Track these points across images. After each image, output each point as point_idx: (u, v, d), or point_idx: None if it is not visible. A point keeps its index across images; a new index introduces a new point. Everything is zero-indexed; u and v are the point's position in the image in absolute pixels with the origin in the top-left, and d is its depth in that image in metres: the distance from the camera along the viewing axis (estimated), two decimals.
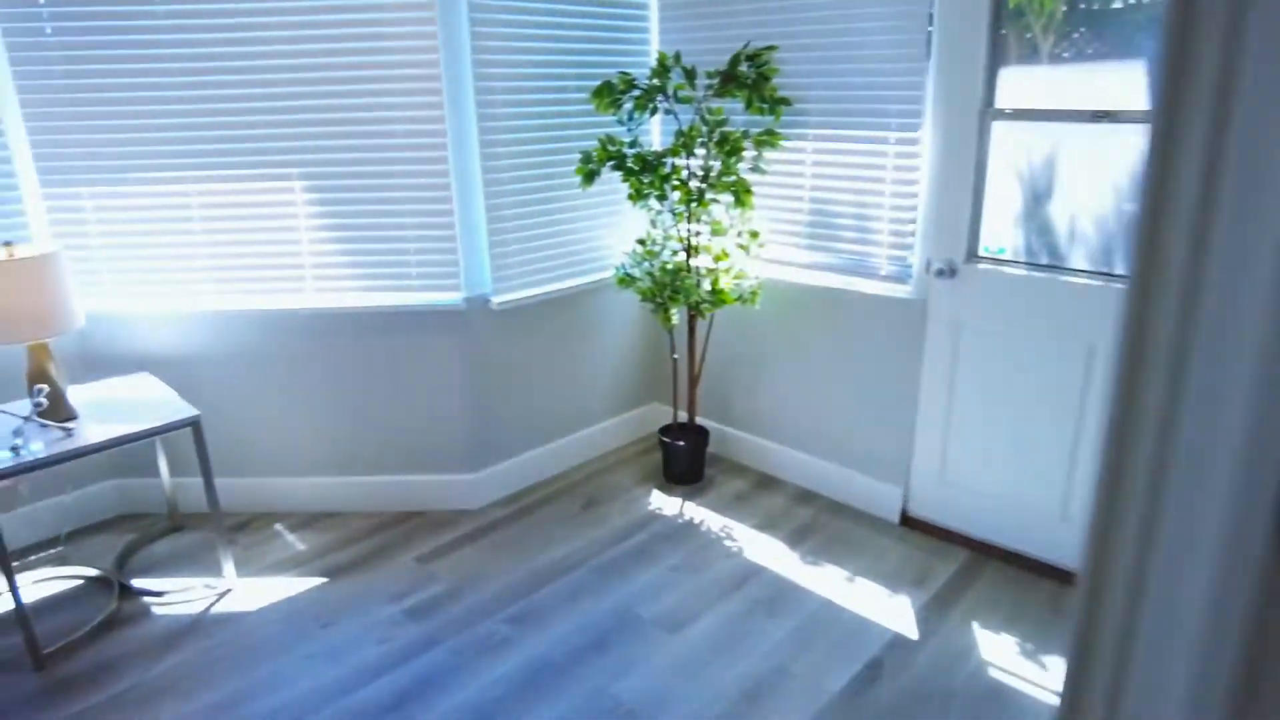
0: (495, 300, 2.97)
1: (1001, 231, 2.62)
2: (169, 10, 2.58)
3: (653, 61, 3.27)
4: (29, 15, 2.60)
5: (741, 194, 2.84)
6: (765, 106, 2.86)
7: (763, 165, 2.99)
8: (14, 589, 2.26)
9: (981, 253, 2.67)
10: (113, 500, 3.12)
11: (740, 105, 2.96)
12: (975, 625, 2.43)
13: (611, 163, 2.98)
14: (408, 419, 3.02)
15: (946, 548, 2.83)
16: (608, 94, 2.90)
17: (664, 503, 3.14)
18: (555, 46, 2.97)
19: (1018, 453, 2.66)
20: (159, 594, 2.64)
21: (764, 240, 3.11)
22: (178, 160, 2.73)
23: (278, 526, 3.03)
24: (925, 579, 2.66)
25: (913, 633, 2.40)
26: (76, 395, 2.68)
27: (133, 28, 2.60)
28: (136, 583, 2.70)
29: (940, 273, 2.69)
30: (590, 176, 2.97)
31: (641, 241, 3.16)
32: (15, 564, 2.84)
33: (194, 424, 2.50)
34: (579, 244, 3.22)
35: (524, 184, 2.97)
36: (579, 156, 3.03)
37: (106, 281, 2.88)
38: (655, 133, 3.41)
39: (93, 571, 2.78)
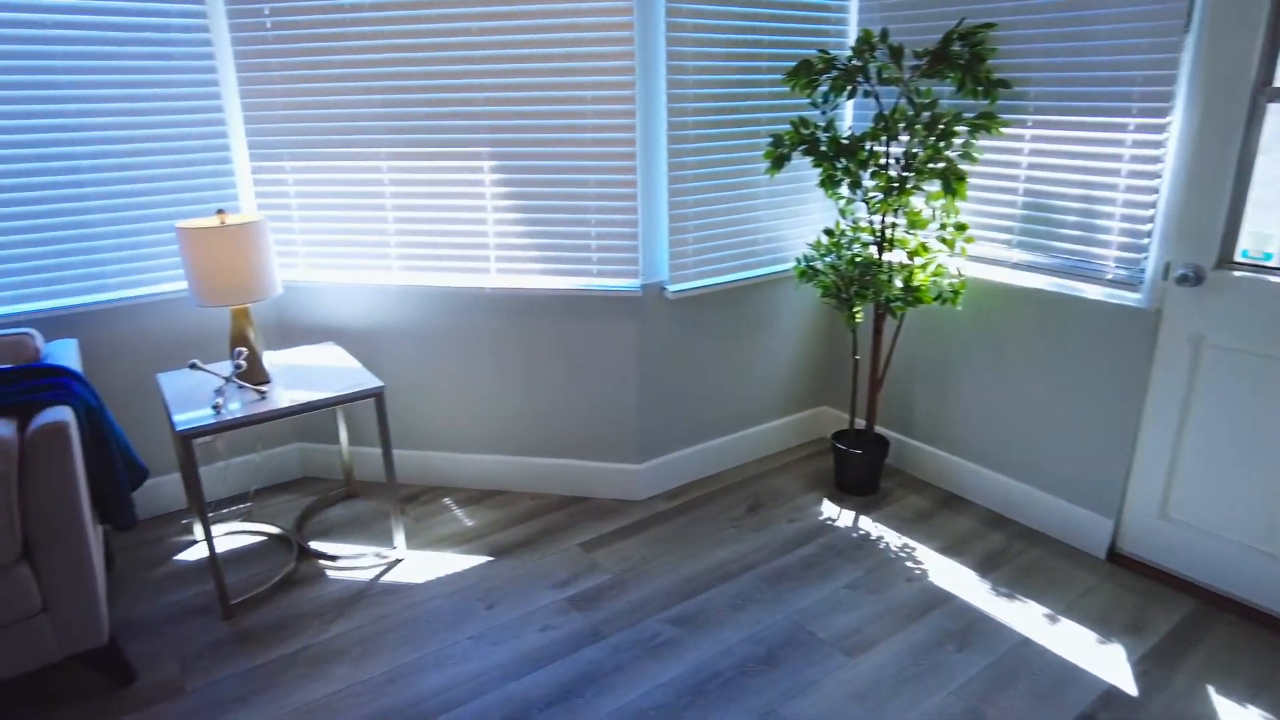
0: (671, 289, 2.86)
1: (1270, 235, 2.24)
2: (374, 2, 2.64)
3: (851, 40, 3.06)
4: (253, 11, 2.73)
5: (952, 181, 2.58)
6: (980, 89, 2.59)
7: (975, 152, 2.72)
8: (209, 539, 2.37)
9: (1239, 258, 2.29)
10: (295, 463, 3.27)
11: (948, 88, 2.70)
12: (1211, 690, 2.08)
13: (803, 146, 2.80)
14: (577, 404, 2.97)
15: (1166, 593, 2.48)
16: (805, 74, 2.72)
17: (835, 513, 2.93)
18: (750, 25, 2.82)
19: (1268, 494, 2.27)
20: (333, 558, 2.72)
21: (970, 235, 2.83)
22: (374, 138, 2.79)
23: (446, 501, 3.06)
24: (1142, 627, 2.33)
25: (1130, 688, 2.09)
26: (270, 360, 2.80)
27: (341, 20, 2.67)
28: (314, 544, 2.79)
29: (1183, 279, 2.34)
30: (779, 161, 2.80)
31: (829, 232, 2.96)
32: (209, 516, 3.02)
33: (377, 395, 2.54)
34: (759, 234, 3.06)
35: (708, 169, 2.85)
36: (765, 141, 2.87)
37: (301, 253, 2.99)
38: (848, 117, 3.19)
39: (275, 530, 2.90)
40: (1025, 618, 2.36)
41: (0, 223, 2.56)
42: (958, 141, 2.72)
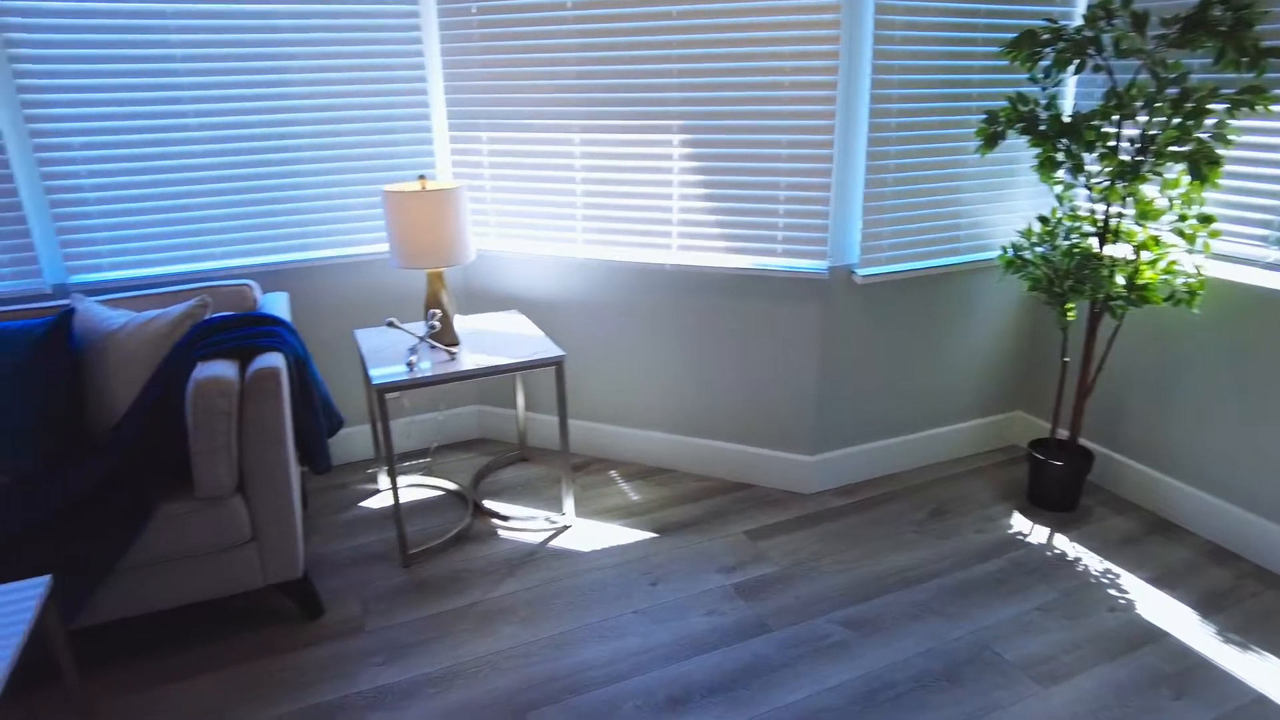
0: (860, 273, 2.70)
1: None
2: None
3: (1081, 9, 2.75)
4: None
5: (1203, 166, 2.26)
6: (1244, 60, 2.25)
7: (1231, 133, 2.38)
8: (395, 490, 2.48)
9: None
10: (473, 424, 3.39)
11: (1201, 59, 2.37)
12: None
13: (1020, 125, 2.55)
14: (752, 388, 2.88)
15: None
16: (1027, 45, 2.46)
17: (1028, 528, 2.68)
18: None
19: None
20: (505, 518, 2.79)
21: (1215, 228, 2.48)
22: (567, 109, 2.80)
23: (613, 473, 3.07)
24: None
25: None
26: (459, 324, 2.89)
27: (541, 4, 2.71)
28: (488, 503, 2.88)
29: None
30: (992, 140, 2.57)
31: (1044, 219, 2.69)
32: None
33: (558, 364, 2.56)
34: (962, 218, 2.83)
35: (910, 147, 2.66)
36: (977, 119, 2.64)
37: (492, 222, 3.07)
38: (1069, 94, 2.89)
39: (452, 486, 3.02)
40: (1261, 671, 2.05)
41: (228, 183, 2.79)
42: (1209, 121, 2.38)
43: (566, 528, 2.72)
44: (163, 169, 2.70)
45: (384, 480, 3.05)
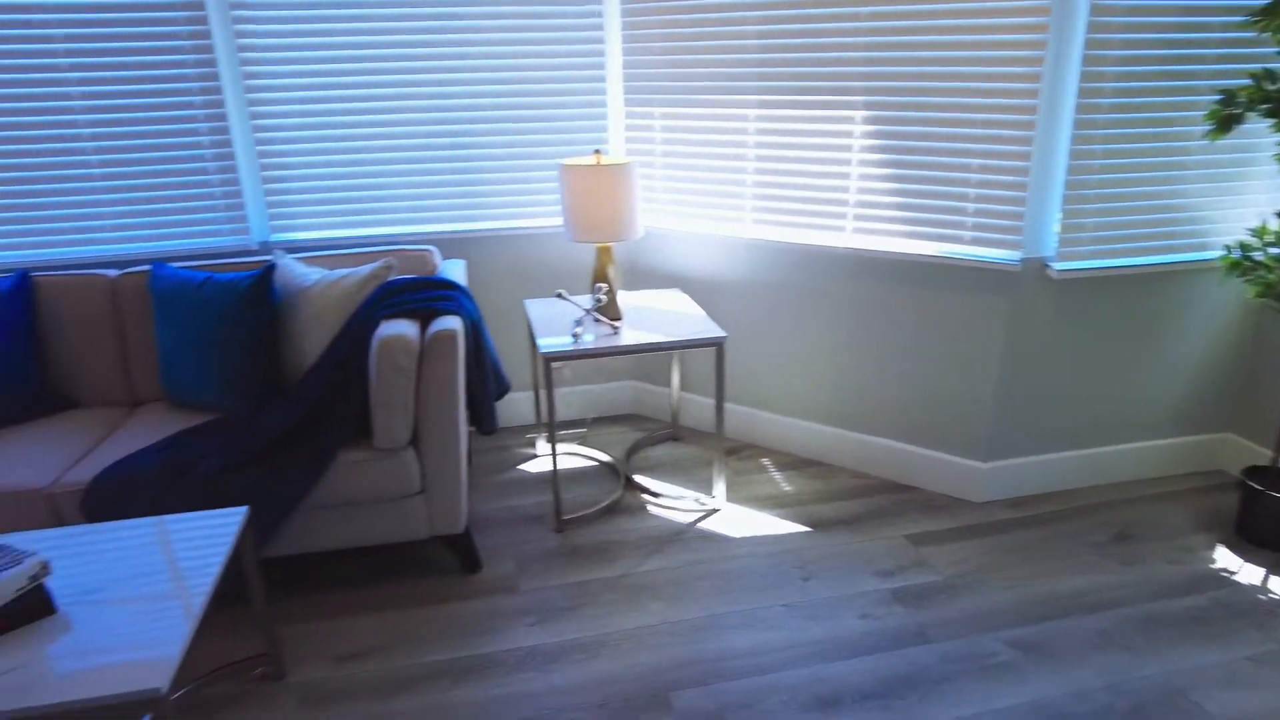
0: (1056, 266, 2.48)
1: None
2: None
3: None
4: None
5: None
6: None
7: None
8: (554, 457, 2.53)
9: None
10: (628, 399, 3.41)
11: None
12: None
13: (1265, 106, 2.24)
14: (922, 384, 2.72)
15: None
16: None
17: (1235, 566, 2.38)
18: None
19: None
20: (656, 495, 2.79)
21: None
22: (745, 84, 2.73)
23: (765, 461, 3.00)
24: None
25: None
26: (622, 300, 2.91)
27: None
28: (639, 478, 2.89)
29: None
30: (1226, 124, 2.28)
31: None
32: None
33: (718, 345, 2.52)
34: (1178, 212, 2.53)
35: (1123, 130, 2.39)
36: (1207, 99, 2.34)
37: (661, 199, 3.06)
38: None
39: (605, 458, 3.05)
40: None
41: (413, 153, 2.92)
42: None
43: (716, 511, 2.68)
44: (359, 140, 2.86)
45: (542, 446, 3.13)
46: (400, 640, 2.13)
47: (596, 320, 2.66)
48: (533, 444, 3.18)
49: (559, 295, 2.59)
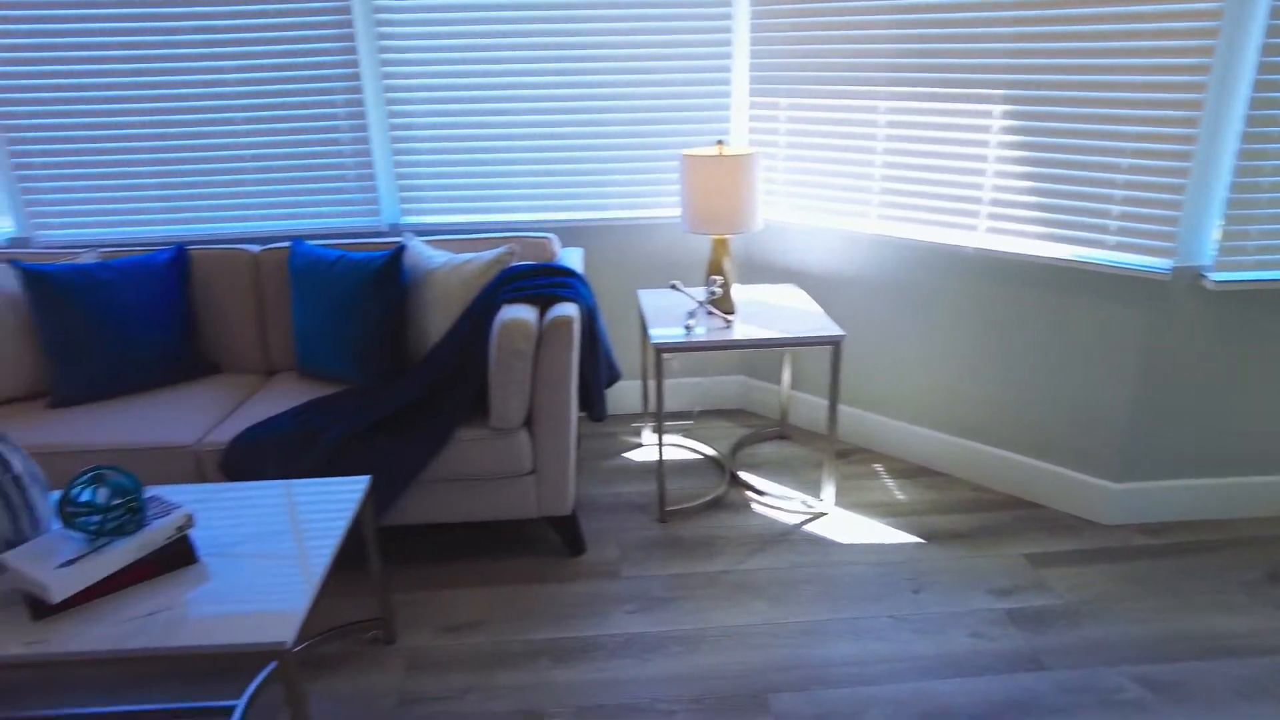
0: (1214, 277, 2.28)
1: None
2: None
3: None
4: None
5: None
6: None
7: None
8: (661, 447, 2.53)
9: None
10: (736, 394, 3.38)
11: None
12: None
13: None
14: (1052, 395, 2.56)
15: None
16: None
17: None
18: None
19: None
20: (761, 493, 2.75)
21: None
22: (875, 75, 2.64)
23: (877, 467, 2.91)
24: None
25: None
26: (736, 293, 2.87)
27: None
28: (744, 474, 2.86)
29: None
30: None
31: None
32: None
33: (835, 344, 2.45)
34: None
35: None
36: None
37: (781, 191, 3.00)
38: None
39: (711, 451, 3.03)
40: None
41: (537, 142, 2.97)
42: None
43: (823, 514, 2.62)
44: (486, 130, 2.94)
45: (648, 436, 3.14)
46: (504, 615, 2.18)
47: (709, 313, 2.64)
48: (639, 433, 3.19)
49: (673, 286, 2.58)
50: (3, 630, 1.43)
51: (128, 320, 2.47)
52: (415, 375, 2.33)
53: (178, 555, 1.60)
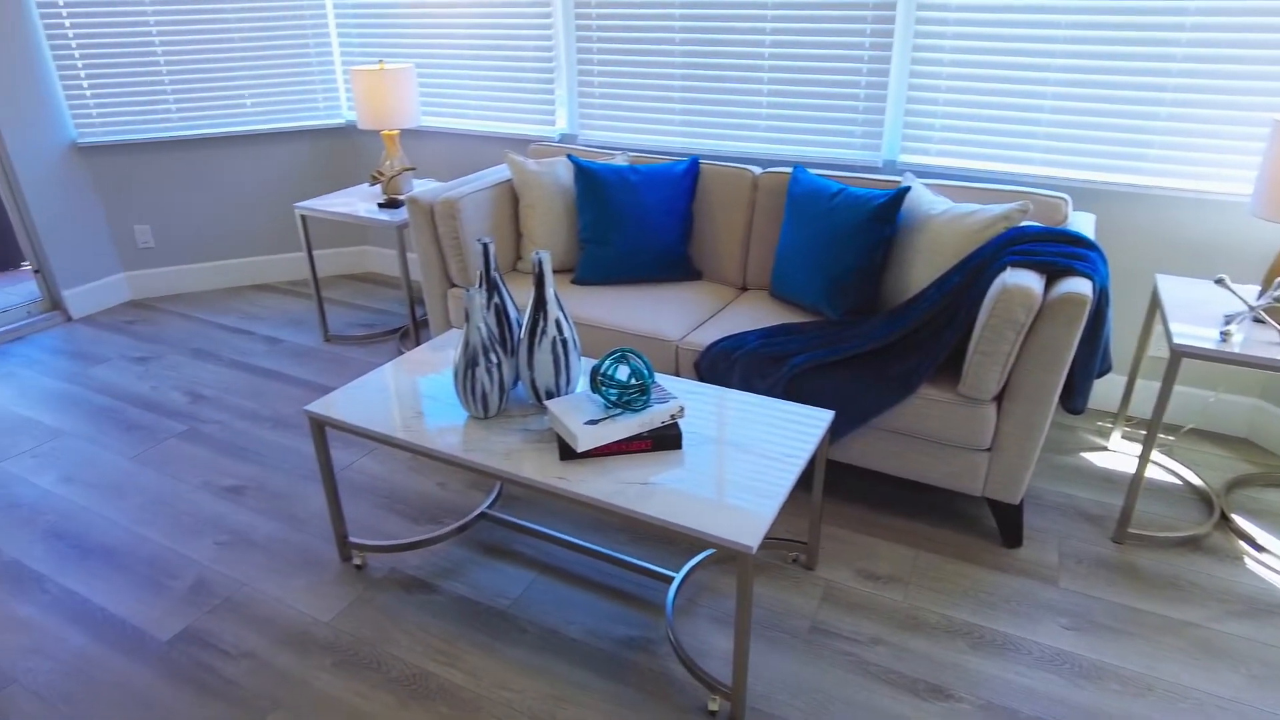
0: None
1: None
2: None
3: None
4: None
5: None
6: None
7: None
8: (1144, 460, 2.19)
9: None
10: (1243, 419, 2.77)
11: None
12: None
13: None
14: None
15: None
16: None
17: None
18: None
19: None
20: (1260, 548, 2.26)
21: None
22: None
23: None
24: None
25: None
26: None
27: None
28: (1239, 519, 2.37)
29: None
30: None
31: None
32: (1129, 433, 2.84)
33: None
34: None
35: None
36: None
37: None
38: None
39: (1196, 480, 2.56)
40: None
41: (1058, 88, 2.62)
42: None
43: None
44: (1013, 71, 2.68)
45: (1115, 439, 2.75)
46: (924, 581, 2.13)
47: (1257, 321, 2.17)
48: (1105, 434, 2.81)
49: (1219, 281, 2.16)
50: (543, 463, 1.78)
51: (645, 220, 2.81)
52: (891, 319, 2.30)
53: (668, 438, 1.82)
